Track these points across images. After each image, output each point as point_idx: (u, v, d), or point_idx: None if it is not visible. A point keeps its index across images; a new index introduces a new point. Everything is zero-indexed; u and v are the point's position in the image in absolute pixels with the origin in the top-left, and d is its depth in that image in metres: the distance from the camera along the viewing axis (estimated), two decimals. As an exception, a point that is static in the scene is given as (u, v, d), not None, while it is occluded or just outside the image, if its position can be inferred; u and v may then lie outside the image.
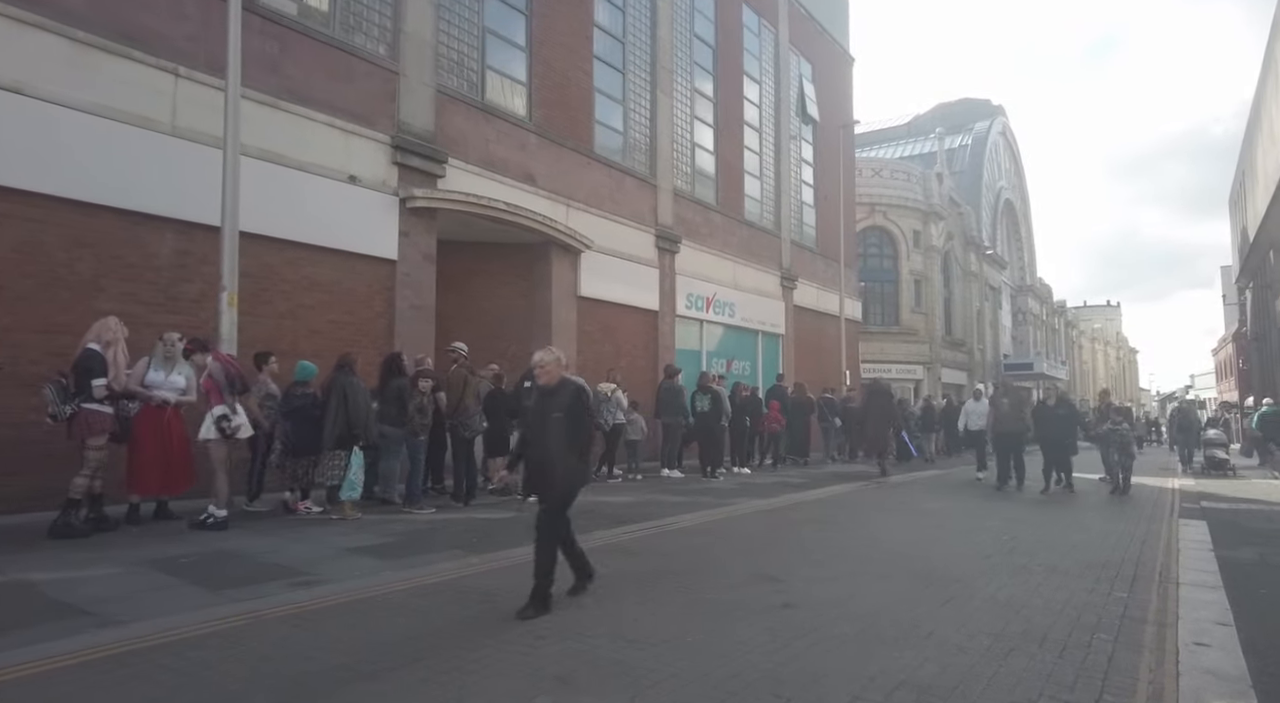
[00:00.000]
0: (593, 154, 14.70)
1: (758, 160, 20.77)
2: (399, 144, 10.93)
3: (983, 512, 8.99)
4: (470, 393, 8.61)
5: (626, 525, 7.47)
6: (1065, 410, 12.20)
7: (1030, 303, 52.26)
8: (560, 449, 4.61)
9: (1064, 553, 6.35)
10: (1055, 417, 12.07)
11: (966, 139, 46.46)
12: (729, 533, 7.31)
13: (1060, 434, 11.88)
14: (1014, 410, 12.11)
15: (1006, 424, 12.08)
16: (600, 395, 11.68)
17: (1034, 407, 13.30)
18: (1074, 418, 12.45)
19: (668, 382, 13.28)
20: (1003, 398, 12.51)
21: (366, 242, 10.50)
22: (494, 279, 13.83)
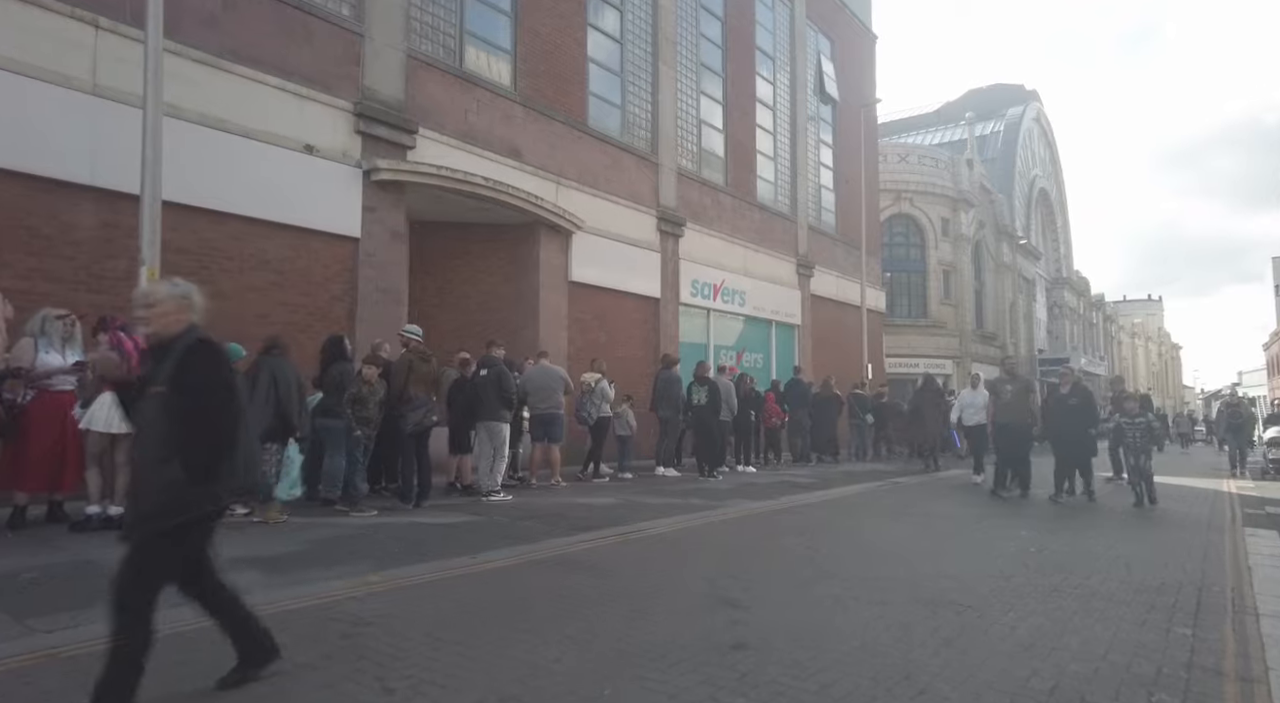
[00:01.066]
0: (586, 128, 13.69)
1: (772, 140, 19.60)
2: (363, 112, 10.01)
3: (1006, 519, 7.81)
4: (419, 381, 7.64)
5: (587, 533, 6.44)
6: (1080, 400, 9.81)
7: (1066, 296, 50.21)
8: (156, 447, 2.72)
9: (1105, 571, 5.19)
10: (1068, 408, 9.77)
11: (999, 125, 44.61)
12: (703, 543, 6.25)
13: (1075, 429, 9.67)
14: (1017, 400, 10.06)
15: (1008, 415, 10.08)
16: (584, 387, 10.66)
17: (1044, 396, 11.41)
18: (1090, 410, 9.87)
19: (664, 372, 12.23)
20: (1005, 384, 10.32)
21: (325, 217, 9.61)
22: (477, 262, 12.89)
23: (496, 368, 8.59)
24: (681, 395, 12.02)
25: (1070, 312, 51.43)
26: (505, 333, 12.57)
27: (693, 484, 10.57)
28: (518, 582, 4.71)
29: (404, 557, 5.30)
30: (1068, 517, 8.03)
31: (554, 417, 9.72)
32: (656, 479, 11.22)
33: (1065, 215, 55.68)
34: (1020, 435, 10.01)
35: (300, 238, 9.41)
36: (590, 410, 10.51)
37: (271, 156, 9.07)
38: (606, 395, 10.69)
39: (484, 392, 8.49)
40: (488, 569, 5.03)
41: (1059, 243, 52.97)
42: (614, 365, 13.90)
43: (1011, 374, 10.65)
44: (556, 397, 9.72)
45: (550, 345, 12.55)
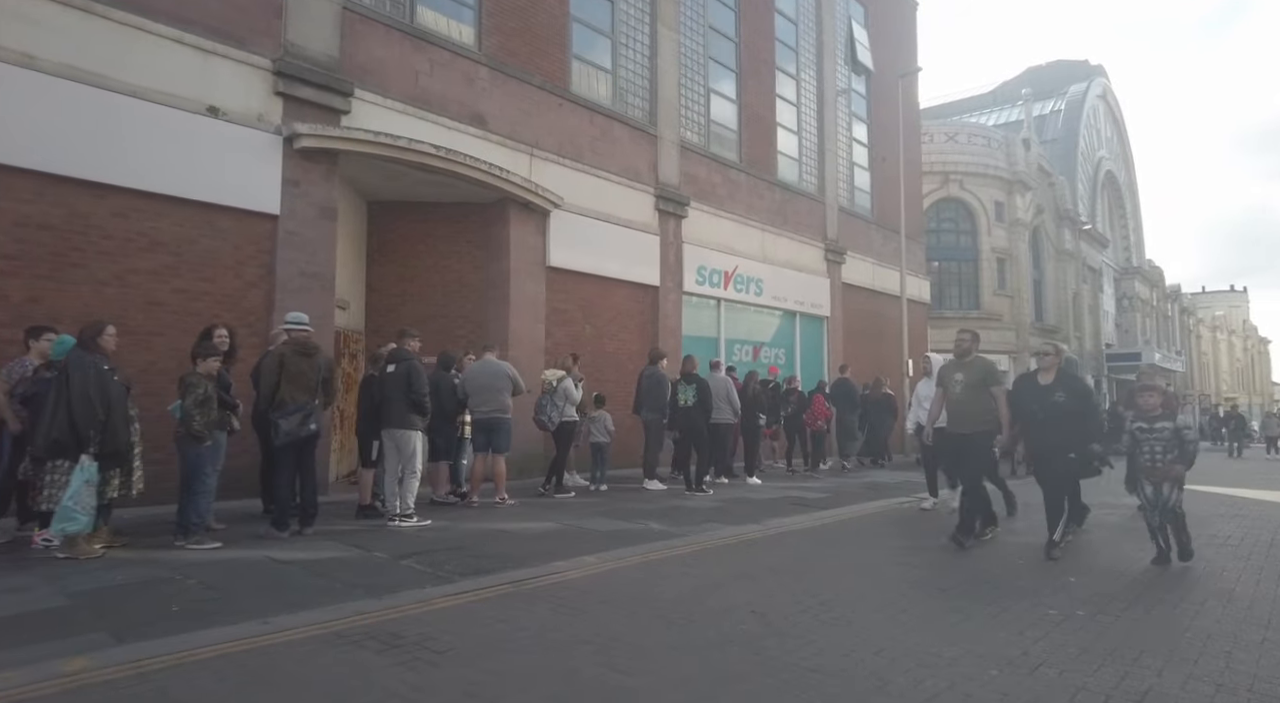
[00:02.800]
0: (567, 94, 12.14)
1: (795, 113, 17.74)
2: (284, 70, 8.67)
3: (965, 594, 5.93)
4: (294, 382, 6.20)
5: (473, 579, 4.92)
6: (1070, 396, 6.00)
7: (1138, 287, 46.51)
8: None
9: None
10: (1051, 409, 6.00)
11: (1059, 103, 41.47)
12: (613, 597, 4.62)
13: (1061, 441, 5.98)
14: (971, 397, 6.38)
15: (959, 420, 6.46)
16: (544, 386, 9.11)
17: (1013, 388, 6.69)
18: (1086, 412, 6.17)
19: (648, 369, 10.60)
20: (954, 373, 6.54)
21: (235, 191, 8.28)
22: (442, 246, 11.48)
23: (407, 364, 7.11)
24: (669, 396, 10.36)
25: (1142, 303, 47.66)
26: (473, 325, 11.19)
27: (671, 501, 8.93)
28: (277, 676, 3.18)
29: (170, 623, 3.83)
30: (1035, 593, 4.69)
31: (497, 422, 8.20)
32: (634, 494, 9.61)
33: (1135, 200, 51.79)
34: (973, 450, 6.37)
35: (203, 214, 8.10)
36: (551, 414, 8.95)
37: (167, 120, 7.78)
38: (570, 396, 9.12)
39: (391, 393, 7.02)
40: (262, 645, 3.53)
41: (1128, 229, 49.22)
42: (602, 361, 12.38)
43: (963, 356, 6.51)
44: (500, 399, 8.20)
45: (524, 339, 11.08)
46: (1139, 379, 6.69)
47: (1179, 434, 5.55)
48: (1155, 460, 5.59)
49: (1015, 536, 6.90)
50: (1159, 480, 5.58)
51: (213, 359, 6.02)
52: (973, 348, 6.62)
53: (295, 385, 6.17)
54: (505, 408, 8.24)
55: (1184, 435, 5.56)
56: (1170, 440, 5.56)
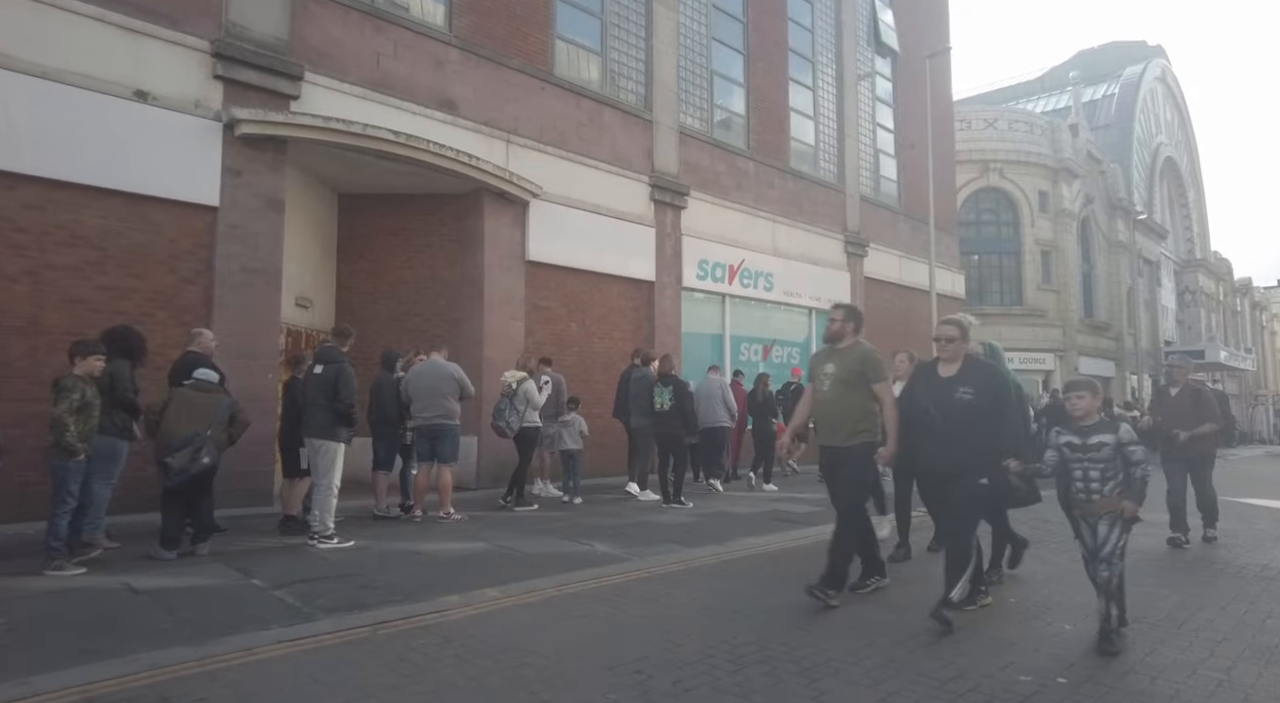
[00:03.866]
0: (550, 78, 11.39)
1: (810, 97, 16.70)
2: (224, 52, 8.10)
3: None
4: (189, 414, 5.54)
5: (338, 618, 4.24)
6: (978, 390, 4.23)
7: (1201, 280, 43.77)
8: None
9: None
10: (951, 407, 4.26)
11: (1112, 87, 39.16)
12: (466, 652, 3.81)
13: (967, 456, 4.19)
14: (841, 392, 4.70)
15: (823, 427, 4.81)
16: (504, 389, 8.36)
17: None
18: (1005, 415, 4.25)
19: (634, 371, 9.78)
20: (824, 363, 4.89)
21: (169, 181, 7.74)
22: (415, 240, 10.85)
23: (336, 366, 6.43)
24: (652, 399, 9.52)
25: (1207, 298, 44.86)
26: (447, 323, 10.54)
27: (642, 516, 8.10)
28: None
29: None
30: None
31: (442, 429, 7.47)
32: (609, 507, 8.81)
33: (1199, 188, 48.81)
34: (847, 468, 4.68)
35: (132, 206, 7.57)
36: (510, 418, 8.19)
37: (87, 105, 7.26)
38: (532, 400, 8.34)
39: (314, 397, 6.34)
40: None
41: (1191, 220, 46.37)
42: (591, 362, 11.62)
43: (833, 343, 4.83)
44: (445, 404, 7.47)
45: (501, 337, 10.38)
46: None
47: (1122, 453, 3.83)
48: (1090, 491, 3.89)
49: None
50: (1095, 518, 3.88)
51: (94, 358, 5.40)
52: (846, 331, 4.72)
53: (184, 417, 5.50)
54: (450, 414, 7.51)
55: (1128, 455, 3.82)
56: (1111, 462, 3.84)
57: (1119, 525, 3.83)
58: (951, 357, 4.37)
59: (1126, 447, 3.84)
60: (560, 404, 9.34)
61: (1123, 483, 3.85)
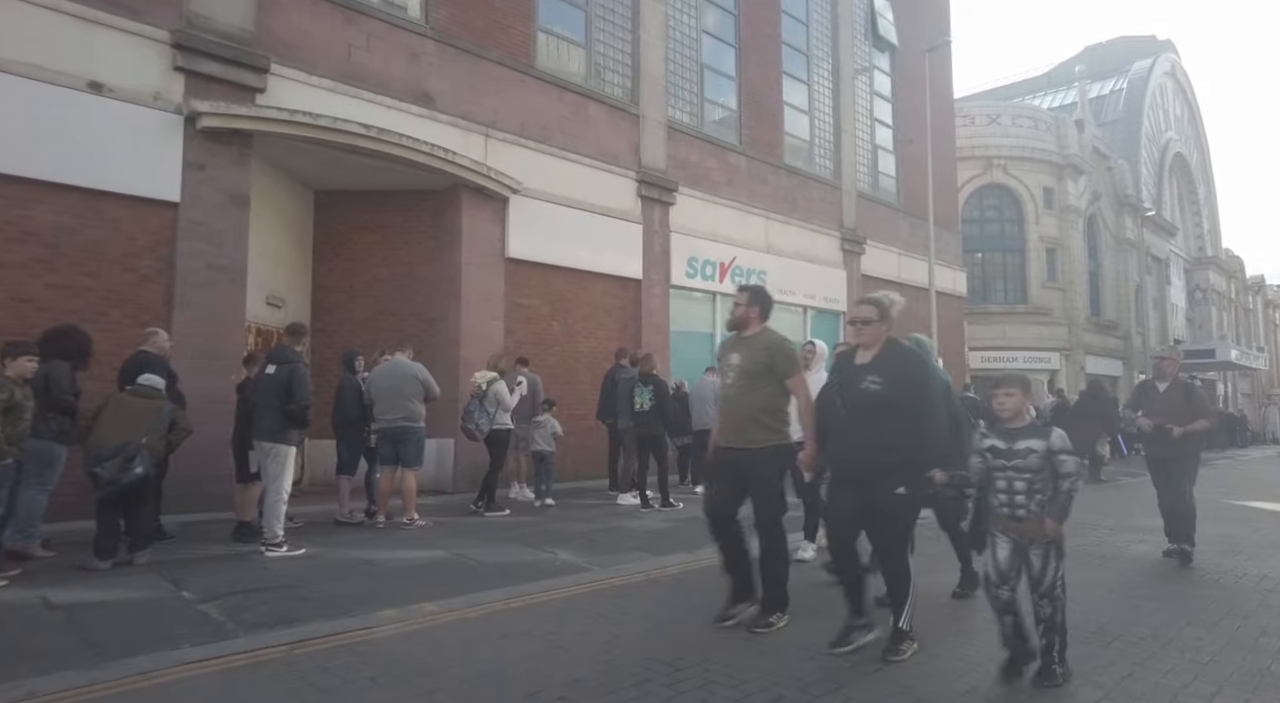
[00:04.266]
0: (532, 70, 11.12)
1: (805, 91, 16.37)
2: (185, 43, 7.86)
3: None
4: (123, 422, 5.28)
5: (261, 635, 3.98)
6: (886, 383, 3.59)
7: (1212, 278, 43.10)
8: None
9: None
10: (860, 403, 3.66)
11: (1120, 82, 38.59)
12: (381, 682, 3.51)
13: (876, 457, 3.59)
14: (746, 387, 4.13)
15: (726, 426, 4.23)
16: (474, 390, 8.09)
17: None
18: (921, 411, 3.60)
19: (617, 372, 9.51)
20: (730, 353, 4.28)
21: (127, 176, 7.50)
22: (393, 237, 10.59)
23: (289, 367, 6.17)
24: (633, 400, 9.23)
25: (1218, 296, 44.16)
26: (424, 323, 10.29)
27: (616, 522, 7.81)
28: None
29: None
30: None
31: (405, 432, 7.20)
32: (584, 512, 8.52)
33: (1210, 185, 48.13)
34: (754, 476, 4.09)
35: (87, 202, 7.33)
36: (479, 421, 7.91)
37: (37, 97, 7.03)
38: (503, 401, 8.07)
39: (265, 398, 6.08)
40: None
41: (1201, 217, 45.72)
42: (574, 362, 11.36)
43: (740, 331, 4.25)
44: (408, 405, 7.20)
45: (479, 337, 10.11)
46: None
47: (1051, 462, 3.25)
48: (1014, 504, 3.30)
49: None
50: (1022, 540, 3.30)
51: (25, 359, 5.14)
52: (751, 317, 4.16)
53: (117, 423, 5.24)
54: (414, 416, 7.24)
55: (1058, 465, 3.24)
56: (1039, 473, 3.25)
57: (1054, 553, 3.29)
58: (869, 342, 3.73)
59: (1057, 455, 3.25)
60: (536, 405, 9.07)
61: (1049, 500, 3.27)
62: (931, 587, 4.64)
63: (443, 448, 9.77)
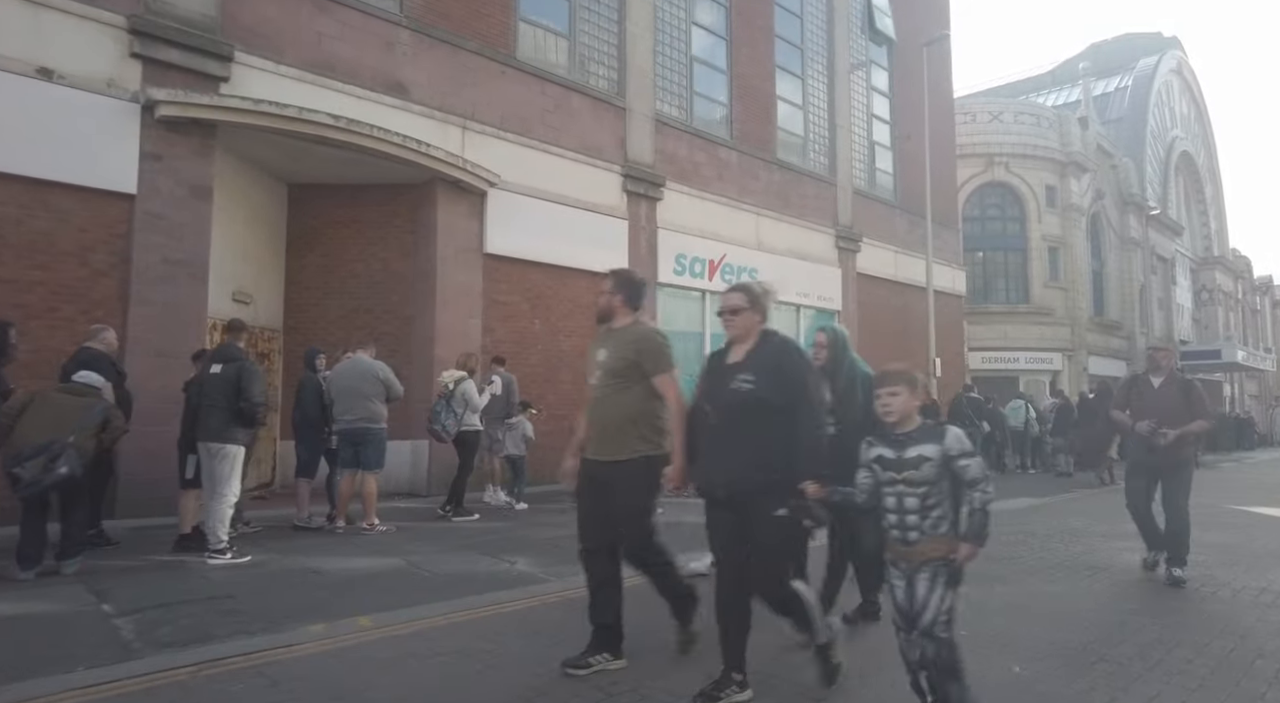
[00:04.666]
0: (512, 61, 10.82)
1: (799, 85, 16.03)
2: (142, 29, 7.59)
3: None
4: (46, 419, 4.99)
5: (171, 654, 3.70)
6: (759, 382, 3.02)
7: (1219, 278, 42.63)
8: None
9: None
10: (729, 406, 3.09)
11: (1125, 79, 38.13)
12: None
13: (749, 471, 3.01)
14: (612, 387, 3.49)
15: (593, 434, 3.60)
16: (440, 390, 7.79)
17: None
18: (801, 416, 2.99)
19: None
20: (597, 349, 3.63)
21: (79, 166, 7.23)
22: (369, 232, 10.30)
23: (237, 364, 5.88)
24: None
25: (1225, 297, 43.67)
26: (400, 320, 10.01)
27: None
28: None
29: None
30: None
31: (364, 433, 6.90)
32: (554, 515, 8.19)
33: (1217, 184, 47.59)
34: (619, 493, 3.45)
35: (34, 192, 7.05)
36: (446, 422, 7.61)
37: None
38: (471, 402, 7.77)
39: (213, 398, 5.79)
40: None
41: (1208, 216, 45.18)
42: (556, 361, 11.06)
43: (605, 320, 3.69)
44: (368, 405, 6.90)
45: (455, 335, 9.81)
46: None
47: (950, 470, 2.66)
48: (905, 526, 2.69)
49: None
50: (914, 570, 2.68)
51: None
52: (616, 305, 3.58)
53: (41, 421, 4.94)
54: (374, 417, 6.94)
55: (960, 472, 2.64)
56: (934, 484, 2.66)
57: (943, 579, 2.62)
58: (739, 334, 3.19)
59: (956, 461, 2.64)
60: (510, 406, 8.76)
61: (947, 519, 2.68)
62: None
63: (417, 450, 9.50)
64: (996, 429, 15.07)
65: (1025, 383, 24.77)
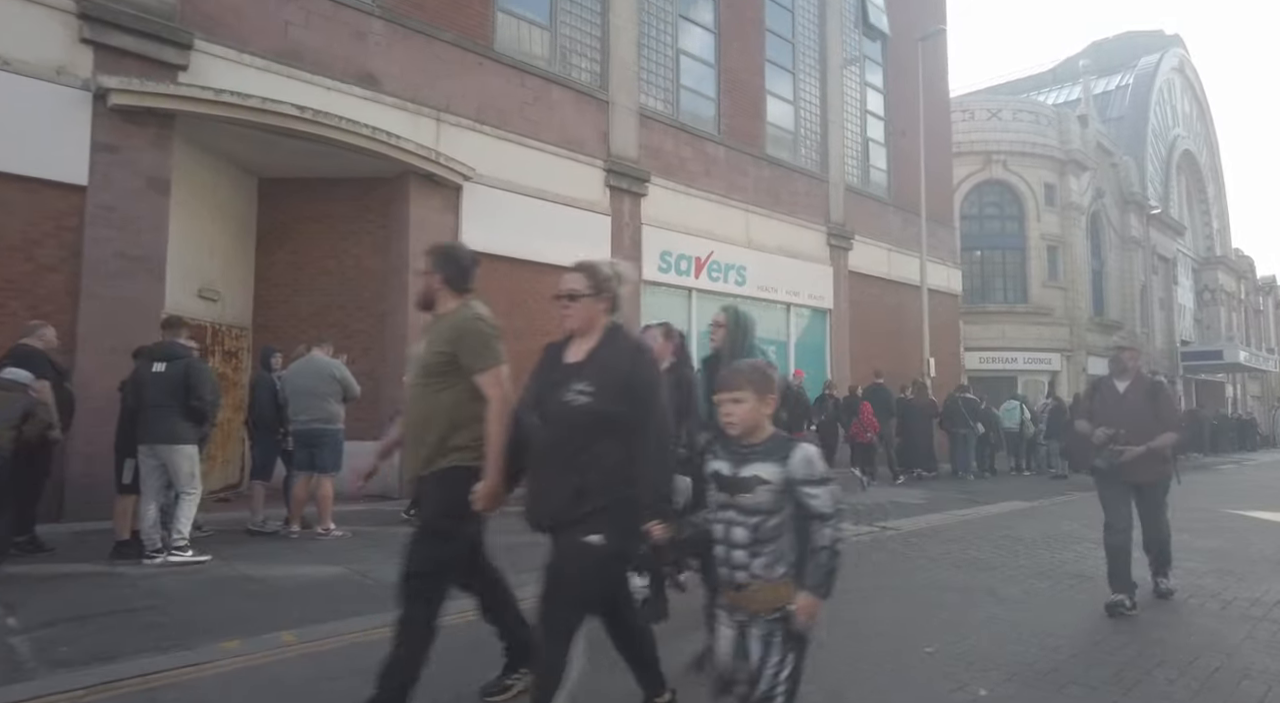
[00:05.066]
0: (490, 52, 10.55)
1: (790, 80, 15.74)
2: (92, 14, 7.32)
3: None
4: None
5: (67, 674, 3.43)
6: (599, 390, 2.50)
7: (1221, 278, 42.27)
8: None
9: None
10: (558, 416, 2.60)
11: (1127, 78, 37.78)
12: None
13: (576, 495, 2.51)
14: (425, 387, 2.97)
15: (409, 441, 3.02)
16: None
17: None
18: (646, 428, 2.50)
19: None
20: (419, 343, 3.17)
21: (21, 156, 6.97)
22: (340, 228, 10.03)
23: (183, 361, 5.61)
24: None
25: (1227, 297, 43.30)
26: (372, 318, 9.75)
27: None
28: None
29: None
30: None
31: (320, 434, 6.63)
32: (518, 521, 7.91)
33: (1220, 183, 47.20)
34: (432, 497, 2.99)
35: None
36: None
37: (-74, 70, 6.51)
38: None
39: (158, 398, 5.51)
40: None
41: (1210, 216, 44.80)
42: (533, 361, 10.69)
43: (425, 307, 3.14)
44: (323, 406, 6.63)
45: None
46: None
47: (793, 497, 2.11)
48: (733, 564, 2.14)
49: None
50: (747, 622, 2.14)
51: None
52: (435, 287, 2.99)
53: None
54: (330, 418, 6.66)
55: (806, 502, 2.09)
56: (770, 515, 2.11)
57: (782, 637, 2.07)
58: (579, 326, 2.57)
59: (801, 487, 2.06)
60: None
61: (780, 556, 2.10)
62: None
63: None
64: (991, 430, 14.79)
65: (1024, 384, 24.46)
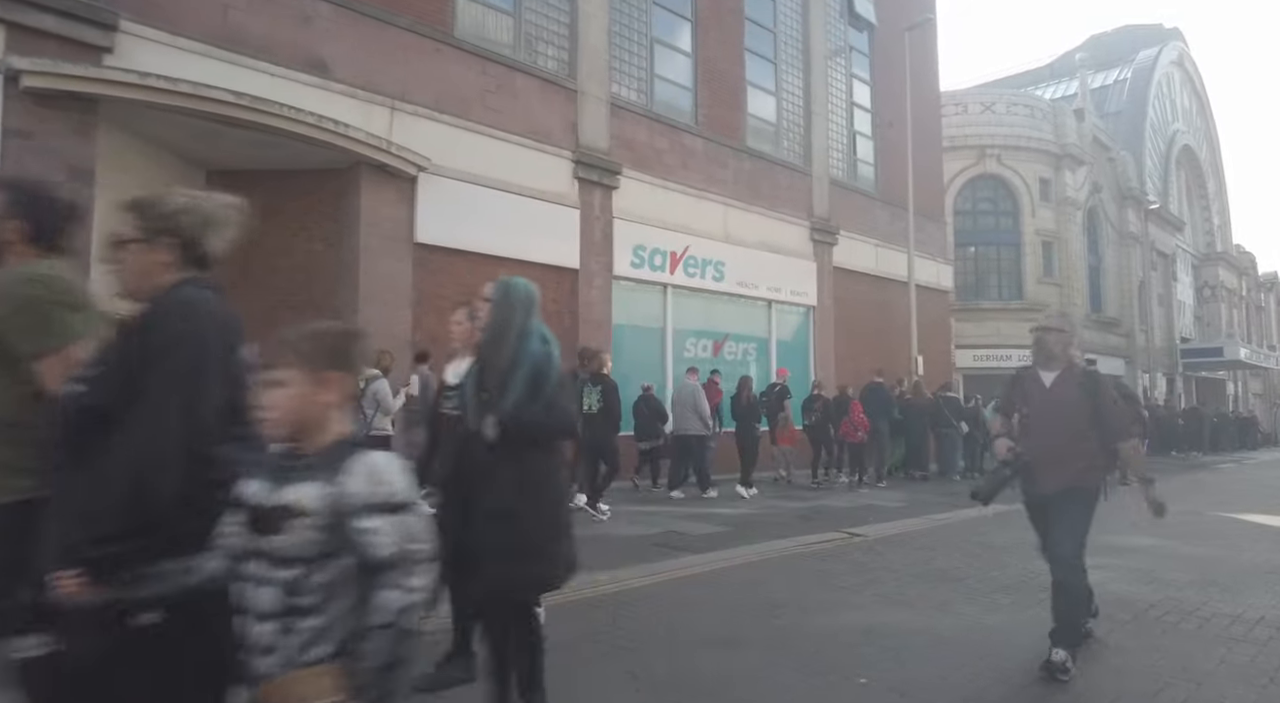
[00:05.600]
0: (449, 38, 10.13)
1: (772, 70, 15.31)
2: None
3: None
4: None
5: None
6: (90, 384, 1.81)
7: (1222, 274, 41.75)
8: None
9: None
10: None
11: (1125, 72, 37.29)
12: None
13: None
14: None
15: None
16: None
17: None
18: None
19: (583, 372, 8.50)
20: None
21: (-67, 144, 6.56)
22: (290, 222, 9.57)
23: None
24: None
25: (1228, 293, 42.79)
26: (324, 316, 9.20)
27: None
28: None
29: None
30: None
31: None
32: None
33: (1220, 179, 46.71)
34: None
35: (-118, 173, 6.39)
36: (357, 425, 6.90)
37: None
38: (384, 403, 7.08)
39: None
40: None
41: (1211, 211, 44.32)
42: (496, 359, 10.26)
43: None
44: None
45: (380, 331, 9.06)
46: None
47: (344, 536, 1.41)
48: (257, 645, 1.43)
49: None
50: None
51: None
52: (9, 242, 2.07)
53: None
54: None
55: (361, 539, 1.39)
56: (313, 563, 1.42)
57: None
58: (133, 291, 1.92)
59: (353, 517, 1.42)
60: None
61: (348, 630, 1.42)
62: None
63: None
64: (977, 430, 14.35)
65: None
